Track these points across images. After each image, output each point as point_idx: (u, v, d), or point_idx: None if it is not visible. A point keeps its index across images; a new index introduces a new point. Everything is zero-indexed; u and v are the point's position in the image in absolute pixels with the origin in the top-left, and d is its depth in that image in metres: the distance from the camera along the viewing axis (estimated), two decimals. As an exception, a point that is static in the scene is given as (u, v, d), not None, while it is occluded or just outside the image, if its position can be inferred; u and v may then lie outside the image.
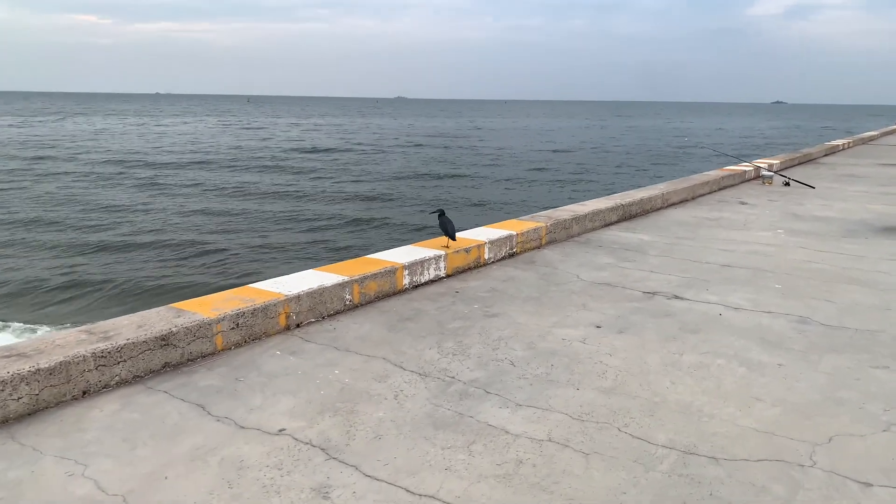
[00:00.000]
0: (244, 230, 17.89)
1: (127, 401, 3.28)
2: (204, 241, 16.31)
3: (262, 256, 14.87)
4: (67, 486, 2.57)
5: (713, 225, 8.09)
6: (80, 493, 2.53)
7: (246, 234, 17.25)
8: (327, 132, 67.00)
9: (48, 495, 2.52)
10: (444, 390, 3.45)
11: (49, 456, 2.78)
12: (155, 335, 3.57)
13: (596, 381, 3.60)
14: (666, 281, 5.57)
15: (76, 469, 2.68)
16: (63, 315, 11.17)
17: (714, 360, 3.92)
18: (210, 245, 15.92)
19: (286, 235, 17.26)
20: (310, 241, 16.63)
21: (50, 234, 17.13)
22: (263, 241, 16.50)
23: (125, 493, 2.54)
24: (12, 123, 72.47)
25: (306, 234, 17.53)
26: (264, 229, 18.13)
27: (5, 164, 32.95)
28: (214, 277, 12.88)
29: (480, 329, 4.36)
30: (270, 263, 14.04)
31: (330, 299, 4.52)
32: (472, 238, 6.00)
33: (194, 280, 12.96)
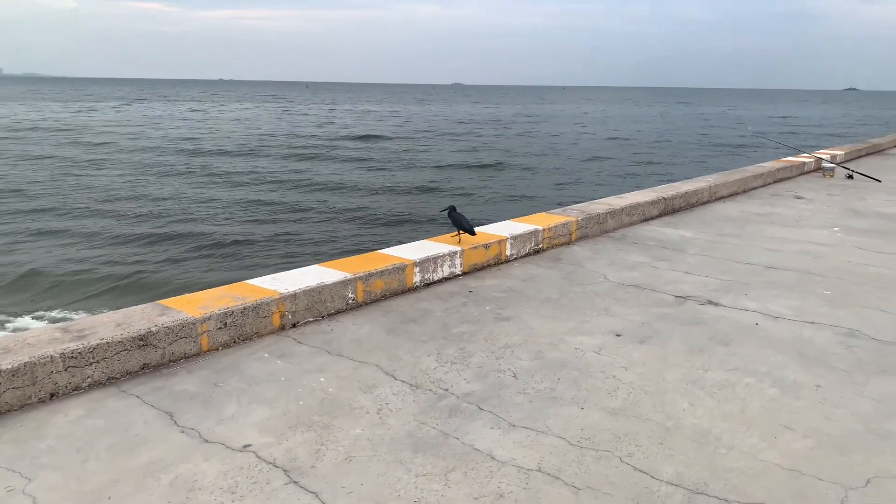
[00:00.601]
0: (286, 220, 17.90)
1: (95, 406, 3.09)
2: (242, 232, 16.37)
3: (296, 249, 14.80)
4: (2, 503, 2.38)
5: (762, 221, 7.53)
6: (14, 512, 2.34)
7: (284, 225, 17.24)
8: (380, 118, 67.11)
9: (-20, 514, 2.33)
10: (433, 405, 3.15)
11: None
12: (132, 335, 3.38)
13: (604, 399, 3.25)
14: (701, 283, 5.13)
15: (18, 483, 2.49)
16: (98, 302, 11.30)
17: (742, 378, 3.51)
18: (248, 236, 15.96)
19: (325, 227, 17.17)
20: (347, 234, 16.49)
21: (88, 223, 17.49)
22: (300, 232, 16.44)
23: (61, 514, 2.33)
24: (80, 109, 75.08)
25: (345, 226, 17.42)
26: (307, 219, 18.11)
27: (63, 151, 33.99)
28: (232, 272, 12.82)
29: (488, 334, 4.04)
30: (301, 258, 13.93)
31: (330, 298, 4.26)
32: (494, 233, 5.66)
33: (213, 273, 12.94)
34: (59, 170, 26.58)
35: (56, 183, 23.41)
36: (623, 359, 3.72)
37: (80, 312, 10.38)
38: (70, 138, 39.72)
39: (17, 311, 10.46)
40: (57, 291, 11.50)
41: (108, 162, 29.32)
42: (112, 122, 53.71)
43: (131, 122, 54.92)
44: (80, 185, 22.86)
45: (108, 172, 26.06)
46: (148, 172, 26.33)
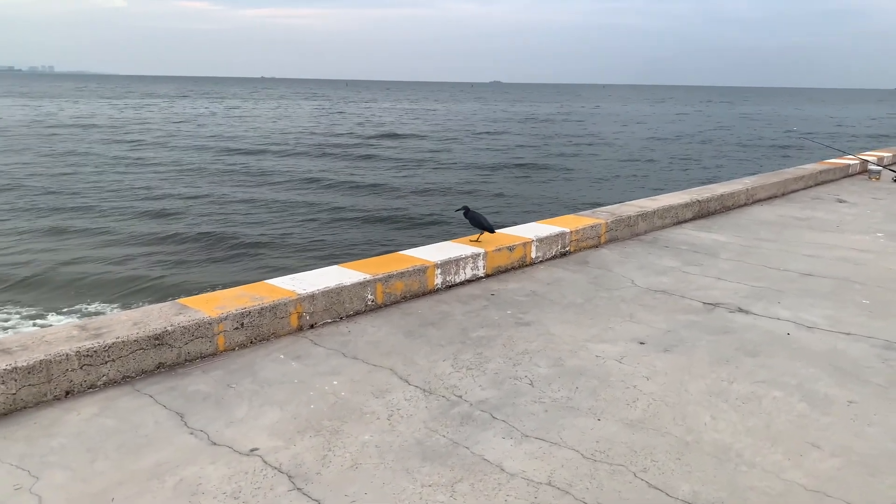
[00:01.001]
0: (320, 220, 18.01)
1: (108, 404, 3.10)
2: (273, 232, 16.52)
3: (326, 249, 14.86)
4: (8, 502, 2.39)
5: (801, 225, 7.28)
6: (19, 511, 2.35)
7: (316, 226, 17.34)
8: (416, 116, 67.23)
9: (-14, 512, 2.34)
10: (445, 412, 3.09)
11: (6, 464, 2.61)
12: (148, 334, 3.38)
13: (622, 410, 3.14)
14: (733, 290, 4.96)
15: (26, 482, 2.50)
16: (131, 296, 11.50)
17: (769, 391, 3.37)
18: (279, 235, 16.10)
19: (356, 228, 17.22)
20: (377, 235, 16.50)
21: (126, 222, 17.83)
22: (330, 233, 16.52)
23: (64, 515, 2.33)
24: (129, 104, 76.79)
25: (376, 227, 17.45)
26: (339, 218, 18.20)
27: (102, 148, 34.76)
28: (259, 271, 12.92)
29: (507, 339, 3.96)
30: (331, 258, 13.99)
31: (349, 299, 4.23)
32: (519, 235, 5.57)
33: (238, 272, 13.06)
34: (98, 167, 27.22)
35: (94, 179, 23.97)
36: (645, 368, 3.60)
37: (113, 308, 10.58)
38: (112, 135, 40.66)
39: (45, 308, 10.70)
40: (85, 288, 11.72)
41: (145, 159, 29.92)
42: (152, 120, 54.84)
43: (171, 119, 56.00)
44: (117, 182, 23.36)
45: (144, 170, 26.58)
46: (185, 170, 26.78)
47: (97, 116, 57.28)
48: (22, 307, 10.61)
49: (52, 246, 14.58)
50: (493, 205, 20.26)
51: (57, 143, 35.71)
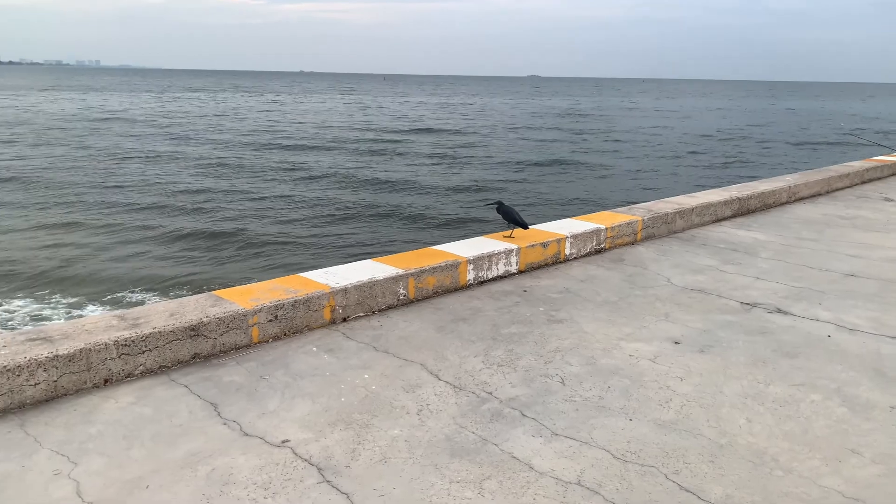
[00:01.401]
0: (357, 217, 18.14)
1: (144, 393, 3.16)
2: (314, 225, 16.67)
3: (362, 245, 14.95)
4: (48, 487, 2.45)
5: (845, 224, 7.09)
6: (57, 495, 2.41)
7: (353, 222, 17.45)
8: (453, 110, 67.18)
9: (27, 495, 2.41)
10: (475, 408, 3.08)
11: (46, 449, 2.69)
12: (184, 325, 3.44)
13: (655, 410, 3.10)
14: (772, 290, 4.85)
15: (65, 467, 2.57)
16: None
17: (808, 394, 3.29)
18: (322, 229, 16.25)
19: (394, 224, 17.29)
20: (417, 232, 16.54)
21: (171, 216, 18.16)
22: (370, 229, 16.60)
23: (100, 500, 2.38)
24: (177, 97, 78.18)
25: (414, 224, 17.49)
26: (376, 214, 18.30)
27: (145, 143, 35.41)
28: (297, 265, 13.05)
29: (538, 336, 3.93)
30: (367, 254, 14.06)
31: (381, 293, 4.25)
32: (553, 231, 5.52)
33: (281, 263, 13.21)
34: (140, 162, 27.80)
35: (136, 173, 24.49)
36: (679, 368, 3.55)
37: (152, 298, 10.81)
38: (157, 128, 41.49)
39: (87, 297, 10.97)
40: (124, 279, 11.99)
41: (183, 154, 30.45)
42: (193, 113, 55.80)
43: (211, 112, 56.90)
44: (157, 175, 23.83)
45: (183, 164, 27.06)
46: (223, 165, 27.20)
47: (139, 110, 58.53)
48: (63, 297, 10.90)
49: (94, 239, 14.95)
50: (527, 201, 20.15)
51: (103, 136, 36.59)
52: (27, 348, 3.07)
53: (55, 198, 19.37)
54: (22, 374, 2.97)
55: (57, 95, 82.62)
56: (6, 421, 2.88)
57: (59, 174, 23.56)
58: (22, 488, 2.45)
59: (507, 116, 59.78)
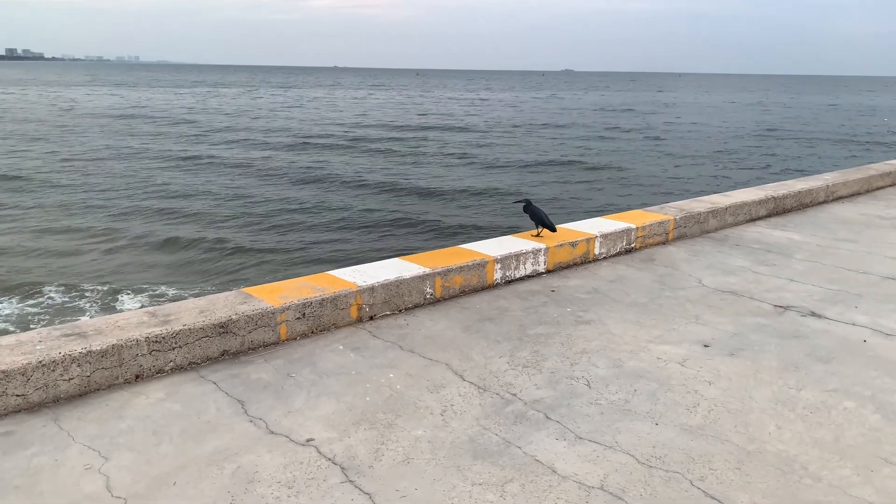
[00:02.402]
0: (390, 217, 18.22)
1: (174, 389, 3.22)
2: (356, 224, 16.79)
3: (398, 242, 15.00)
4: (80, 481, 2.51)
5: (886, 225, 6.90)
6: (88, 490, 2.47)
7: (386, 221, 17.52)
8: (487, 107, 66.99)
9: (59, 489, 2.47)
10: (499, 410, 3.08)
11: (78, 444, 2.75)
12: (214, 322, 3.50)
13: (682, 415, 3.06)
14: (806, 293, 4.75)
15: (96, 462, 2.63)
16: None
17: (841, 400, 3.22)
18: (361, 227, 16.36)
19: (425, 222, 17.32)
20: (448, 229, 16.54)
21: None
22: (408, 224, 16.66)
23: (129, 496, 2.43)
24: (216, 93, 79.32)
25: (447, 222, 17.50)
26: (403, 217, 18.35)
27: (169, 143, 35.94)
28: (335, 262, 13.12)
29: (565, 338, 3.91)
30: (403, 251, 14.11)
31: (408, 292, 4.26)
32: (582, 230, 5.48)
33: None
34: (175, 160, 28.27)
35: (169, 168, 24.91)
36: (708, 372, 3.50)
37: (186, 294, 10.99)
38: (191, 122, 42.17)
39: (120, 290, 11.20)
40: (158, 274, 12.20)
41: (218, 157, 30.87)
42: (229, 108, 56.54)
43: (244, 107, 57.60)
44: (191, 175, 24.21)
45: (216, 166, 27.44)
46: (255, 165, 27.52)
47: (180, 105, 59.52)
48: (97, 292, 11.14)
49: (128, 235, 15.26)
50: (557, 198, 20.01)
51: (135, 132, 37.31)
52: (62, 343, 3.15)
53: (97, 195, 19.81)
54: (56, 369, 3.05)
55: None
56: (41, 415, 2.96)
57: (110, 168, 24.10)
58: (55, 482, 2.51)
59: (540, 112, 59.36)
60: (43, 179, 21.76)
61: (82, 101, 64.92)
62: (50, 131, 36.85)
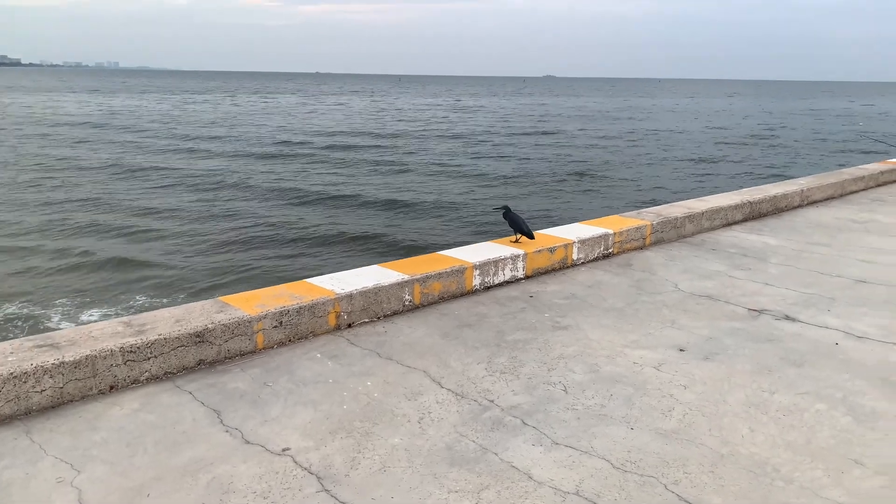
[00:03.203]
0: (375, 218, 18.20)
1: (149, 400, 3.20)
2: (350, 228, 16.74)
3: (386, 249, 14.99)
4: (51, 495, 2.49)
5: (859, 229, 7.02)
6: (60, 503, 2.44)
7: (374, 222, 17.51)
8: (464, 112, 67.17)
9: (30, 503, 2.44)
10: (476, 416, 3.09)
11: (51, 456, 2.72)
12: (189, 331, 3.48)
13: (657, 419, 3.09)
14: (781, 296, 4.82)
15: (68, 475, 2.60)
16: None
17: (813, 403, 3.26)
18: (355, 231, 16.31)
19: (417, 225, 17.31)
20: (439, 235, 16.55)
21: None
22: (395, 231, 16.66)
23: (101, 508, 2.41)
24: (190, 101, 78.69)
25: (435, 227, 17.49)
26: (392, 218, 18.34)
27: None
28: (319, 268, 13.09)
29: (543, 343, 3.93)
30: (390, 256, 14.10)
31: (386, 299, 4.26)
32: (560, 236, 5.51)
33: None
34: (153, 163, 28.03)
35: (143, 174, 24.70)
36: (683, 376, 3.53)
37: (163, 302, 10.90)
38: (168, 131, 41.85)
39: (93, 302, 11.08)
40: (133, 284, 12.09)
41: (197, 150, 30.67)
42: (207, 114, 56.18)
43: (225, 114, 57.27)
44: (168, 177, 24.03)
45: (195, 165, 27.24)
46: (234, 167, 27.37)
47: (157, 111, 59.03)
48: (72, 302, 11.01)
49: (106, 242, 15.10)
50: (536, 204, 20.09)
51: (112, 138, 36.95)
52: (34, 355, 3.11)
53: (70, 199, 19.59)
54: (28, 380, 3.01)
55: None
56: (12, 427, 2.93)
57: (81, 174, 23.85)
58: (26, 496, 2.48)
59: (518, 118, 59.60)
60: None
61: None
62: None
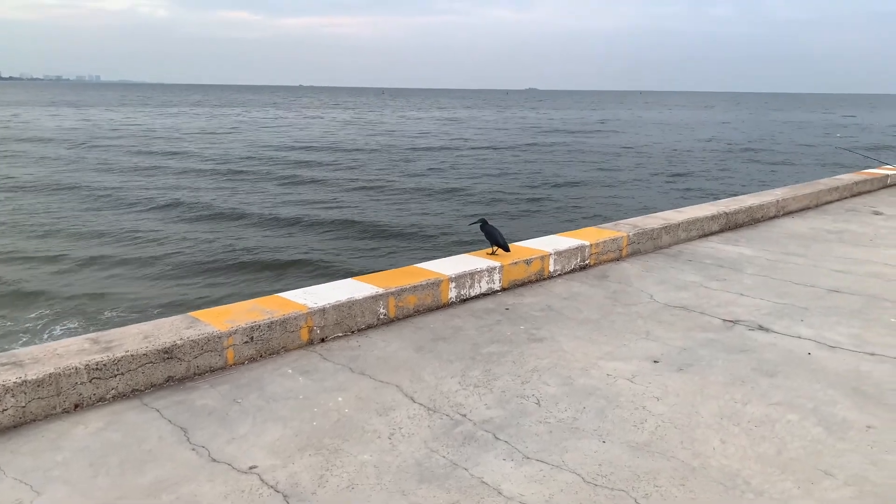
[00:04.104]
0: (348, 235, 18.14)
1: (115, 418, 3.14)
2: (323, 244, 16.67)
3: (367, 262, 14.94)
4: (9, 517, 2.43)
5: (833, 239, 7.08)
6: (17, 526, 2.38)
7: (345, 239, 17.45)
8: (446, 125, 67.36)
9: (-14, 526, 2.38)
10: (448, 431, 3.06)
11: (10, 478, 2.66)
12: (158, 348, 3.42)
13: (629, 432, 3.08)
14: (755, 307, 4.84)
15: (27, 497, 2.54)
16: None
17: (785, 414, 3.27)
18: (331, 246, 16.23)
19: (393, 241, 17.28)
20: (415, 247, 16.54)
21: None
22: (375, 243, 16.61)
23: (60, 531, 2.35)
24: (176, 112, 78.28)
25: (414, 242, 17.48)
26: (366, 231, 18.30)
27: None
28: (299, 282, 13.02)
29: (517, 356, 3.91)
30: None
31: (360, 313, 4.23)
32: (537, 248, 5.51)
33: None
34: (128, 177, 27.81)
35: (116, 188, 24.50)
36: (657, 388, 3.53)
37: (133, 316, 10.76)
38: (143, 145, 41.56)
39: (62, 318, 10.92)
40: (104, 299, 11.93)
41: (167, 167, 30.47)
42: (182, 129, 55.90)
43: (202, 129, 57.00)
44: (142, 192, 23.85)
45: (167, 179, 27.06)
46: (209, 182, 27.22)
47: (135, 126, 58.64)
48: (41, 317, 10.85)
49: (78, 256, 14.93)
50: (513, 215, 20.12)
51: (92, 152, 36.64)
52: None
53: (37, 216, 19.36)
54: (-10, 400, 2.94)
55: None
56: (-28, 448, 2.86)
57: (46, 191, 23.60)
58: (-18, 518, 2.42)
59: (500, 131, 59.85)
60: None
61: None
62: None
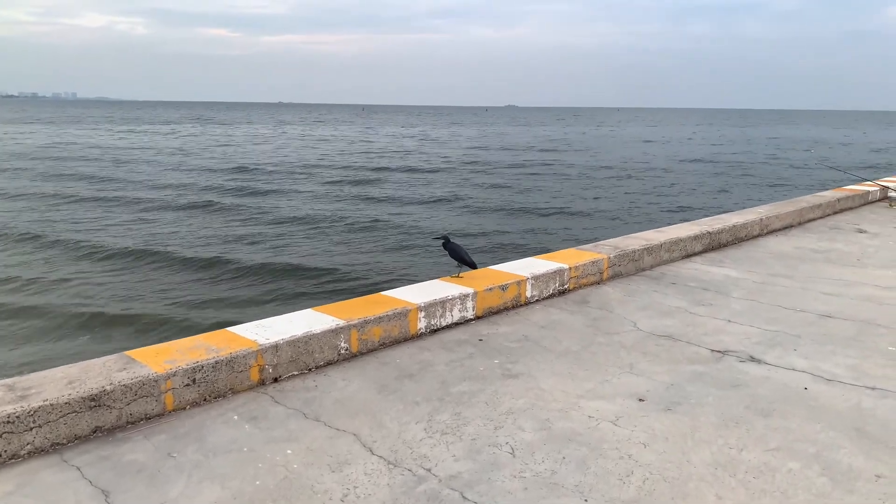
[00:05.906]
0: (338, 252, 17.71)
1: (27, 479, 2.73)
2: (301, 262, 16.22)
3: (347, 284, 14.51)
4: None
5: (819, 259, 6.84)
6: None
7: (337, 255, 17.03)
8: (427, 143, 67.21)
9: None
10: (409, 490, 2.69)
11: None
12: (83, 395, 3.02)
13: (614, 487, 2.73)
14: (745, 335, 4.54)
15: None
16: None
17: (785, 461, 2.94)
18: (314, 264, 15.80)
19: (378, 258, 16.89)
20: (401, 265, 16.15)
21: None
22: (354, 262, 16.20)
23: None
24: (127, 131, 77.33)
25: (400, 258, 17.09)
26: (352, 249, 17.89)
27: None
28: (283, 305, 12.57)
29: (491, 395, 3.56)
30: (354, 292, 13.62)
31: (319, 348, 3.86)
32: (513, 272, 5.18)
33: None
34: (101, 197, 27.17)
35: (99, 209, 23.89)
36: (643, 432, 3.19)
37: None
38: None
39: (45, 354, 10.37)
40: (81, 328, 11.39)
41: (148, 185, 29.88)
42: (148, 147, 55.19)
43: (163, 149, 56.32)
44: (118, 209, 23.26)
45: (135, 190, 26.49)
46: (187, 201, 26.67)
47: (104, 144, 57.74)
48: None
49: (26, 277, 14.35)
50: (488, 237, 19.79)
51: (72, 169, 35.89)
52: None
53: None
54: None
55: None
56: None
57: (22, 209, 22.89)
58: None
59: (477, 147, 59.75)
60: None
61: None
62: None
